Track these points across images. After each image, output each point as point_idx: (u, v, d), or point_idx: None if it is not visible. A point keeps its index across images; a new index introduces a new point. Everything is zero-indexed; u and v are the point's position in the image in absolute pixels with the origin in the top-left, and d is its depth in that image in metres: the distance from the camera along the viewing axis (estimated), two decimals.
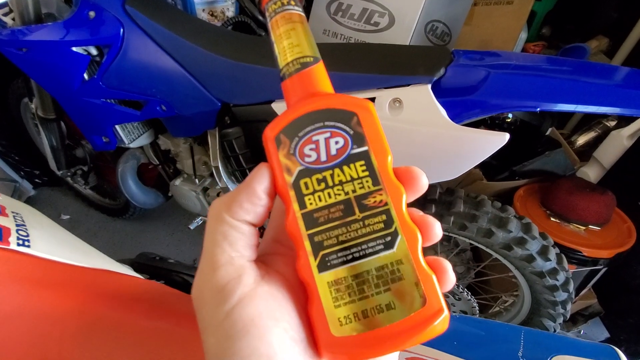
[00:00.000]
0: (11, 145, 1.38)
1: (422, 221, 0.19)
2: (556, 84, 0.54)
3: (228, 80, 0.71)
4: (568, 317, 0.87)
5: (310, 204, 0.19)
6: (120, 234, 1.41)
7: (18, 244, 0.39)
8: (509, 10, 1.17)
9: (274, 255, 0.21)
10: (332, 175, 0.19)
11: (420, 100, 0.56)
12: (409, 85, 0.58)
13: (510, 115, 1.02)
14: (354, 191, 0.19)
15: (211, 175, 0.92)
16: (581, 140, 1.23)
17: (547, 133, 1.10)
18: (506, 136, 0.53)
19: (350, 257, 0.18)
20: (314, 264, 0.18)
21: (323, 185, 0.19)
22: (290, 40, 0.21)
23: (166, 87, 0.75)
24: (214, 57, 0.70)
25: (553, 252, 0.76)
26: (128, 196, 1.08)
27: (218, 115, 0.76)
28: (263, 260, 0.20)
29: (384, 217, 0.18)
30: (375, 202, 0.19)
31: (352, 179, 0.19)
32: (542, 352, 0.36)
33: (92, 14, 0.73)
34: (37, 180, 1.49)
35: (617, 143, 1.02)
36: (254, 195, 0.19)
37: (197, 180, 0.96)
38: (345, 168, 0.19)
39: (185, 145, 0.91)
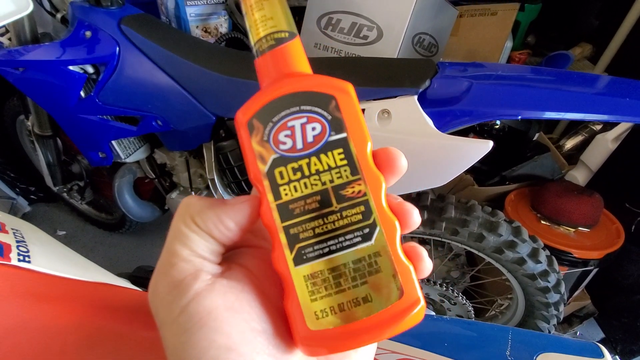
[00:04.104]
0: (7, 162, 1.39)
1: (400, 209, 0.18)
2: (536, 93, 0.57)
3: (222, 95, 0.73)
4: (562, 318, 0.89)
5: (286, 194, 0.18)
6: (117, 249, 1.41)
7: (19, 260, 0.40)
8: (494, 21, 1.21)
9: (242, 248, 0.21)
10: (308, 164, 0.18)
11: (407, 111, 0.59)
12: (396, 97, 0.60)
13: (498, 122, 1.05)
14: (331, 181, 0.18)
15: (207, 187, 0.93)
16: (569, 144, 1.26)
17: (535, 138, 1.12)
18: (490, 143, 0.55)
19: (327, 250, 0.18)
20: (289, 257, 0.18)
21: (299, 174, 0.18)
22: (262, 13, 0.19)
23: (162, 103, 0.76)
24: (208, 73, 0.72)
25: (543, 255, 0.78)
26: (125, 210, 1.09)
27: (213, 129, 0.78)
28: (227, 256, 0.20)
29: (362, 208, 0.18)
30: (353, 192, 0.18)
31: (330, 168, 0.18)
32: (528, 351, 0.38)
33: (88, 33, 0.75)
34: (32, 196, 1.49)
35: (603, 146, 1.05)
36: (223, 224, 0.18)
37: (193, 193, 0.97)
38: (322, 156, 0.18)
39: (181, 158, 0.93)
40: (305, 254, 0.18)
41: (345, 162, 0.18)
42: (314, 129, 0.18)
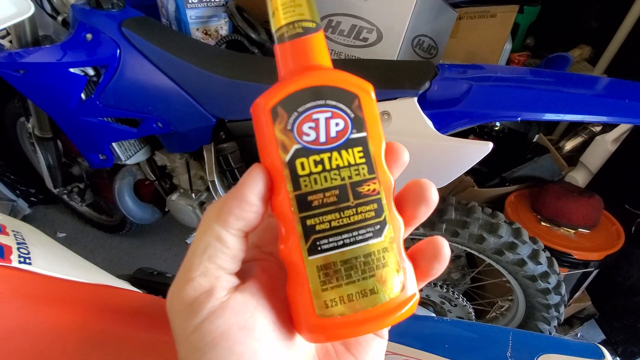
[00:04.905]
0: (7, 164, 1.39)
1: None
2: (536, 95, 0.57)
3: (222, 97, 0.74)
4: (562, 319, 0.88)
5: (306, 186, 0.18)
6: (117, 251, 1.41)
7: (19, 262, 0.40)
8: (493, 23, 1.22)
9: (252, 261, 0.21)
10: (329, 159, 0.18)
11: (407, 112, 0.59)
12: (396, 98, 0.60)
13: (497, 124, 1.05)
14: (350, 177, 0.18)
15: (207, 189, 0.93)
16: (569, 145, 1.26)
17: (535, 140, 1.13)
18: (489, 145, 0.55)
19: (341, 242, 0.18)
20: (304, 247, 0.18)
21: (320, 167, 0.18)
22: None
23: (162, 105, 0.77)
24: (209, 75, 0.72)
25: (543, 256, 0.78)
26: (125, 212, 1.09)
27: (213, 131, 0.78)
28: (241, 269, 0.20)
29: (375, 205, 0.18)
30: (369, 190, 0.18)
31: (349, 165, 0.18)
32: (529, 352, 0.38)
33: (89, 36, 0.75)
34: (33, 198, 1.49)
35: (602, 148, 1.05)
36: (245, 201, 0.18)
37: (193, 195, 0.97)
38: (343, 152, 0.18)
39: (181, 160, 0.93)
40: (320, 246, 0.18)
41: (363, 160, 0.18)
42: (337, 124, 0.18)
